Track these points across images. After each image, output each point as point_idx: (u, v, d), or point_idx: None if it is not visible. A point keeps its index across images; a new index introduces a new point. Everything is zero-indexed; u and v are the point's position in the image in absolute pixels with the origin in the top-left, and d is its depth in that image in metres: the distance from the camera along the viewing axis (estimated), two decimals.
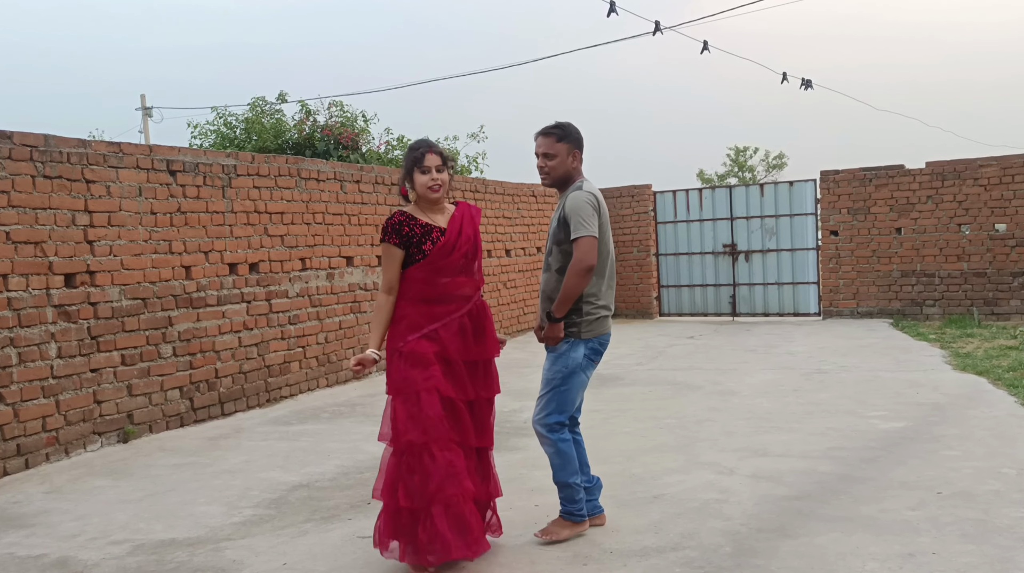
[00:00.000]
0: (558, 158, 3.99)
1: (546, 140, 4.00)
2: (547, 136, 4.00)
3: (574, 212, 3.87)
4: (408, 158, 3.85)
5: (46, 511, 4.81)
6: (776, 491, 4.61)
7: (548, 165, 4.00)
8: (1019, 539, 3.78)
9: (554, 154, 3.99)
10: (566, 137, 4.00)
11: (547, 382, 3.97)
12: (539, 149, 4.02)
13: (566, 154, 3.99)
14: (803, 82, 15.20)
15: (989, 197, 12.03)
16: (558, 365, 3.94)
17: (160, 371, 6.74)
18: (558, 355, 3.95)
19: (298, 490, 5.02)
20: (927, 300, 12.47)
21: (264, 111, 16.32)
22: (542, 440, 3.96)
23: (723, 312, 14.12)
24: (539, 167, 4.03)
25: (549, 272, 4.02)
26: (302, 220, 8.27)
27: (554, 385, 3.94)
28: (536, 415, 3.98)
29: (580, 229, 3.85)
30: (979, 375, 7.77)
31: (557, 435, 3.93)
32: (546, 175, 4.03)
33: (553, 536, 3.94)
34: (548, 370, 3.98)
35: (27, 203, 5.81)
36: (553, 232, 3.99)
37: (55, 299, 5.96)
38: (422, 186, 3.79)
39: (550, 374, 3.97)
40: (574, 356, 3.93)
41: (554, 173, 4.01)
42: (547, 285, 4.00)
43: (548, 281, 4.00)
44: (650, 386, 8.03)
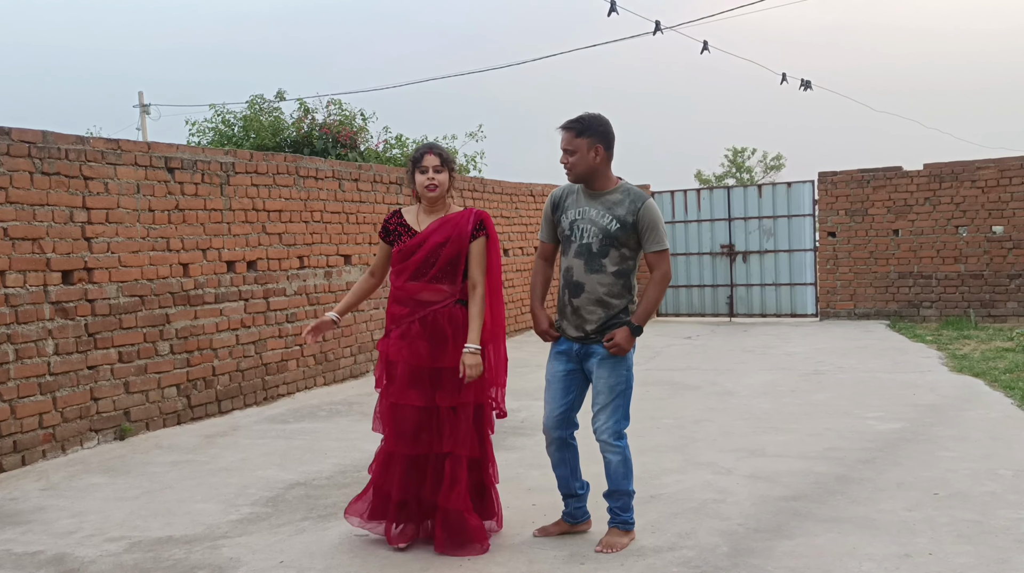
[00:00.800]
0: (578, 154, 3.78)
1: (566, 135, 3.80)
2: (567, 131, 3.81)
3: (655, 223, 3.77)
4: (410, 159, 3.98)
5: (42, 508, 4.80)
6: (773, 491, 4.61)
7: (569, 161, 3.80)
8: (1015, 540, 3.79)
9: (574, 150, 3.78)
10: (586, 131, 3.77)
11: (611, 389, 3.80)
12: (562, 144, 3.82)
13: (587, 149, 3.77)
14: (802, 83, 15.23)
15: (986, 199, 12.05)
16: (620, 370, 3.81)
17: (157, 369, 6.73)
18: (617, 360, 3.79)
19: (295, 488, 5.01)
20: (924, 302, 12.49)
21: (262, 109, 16.32)
22: (611, 449, 3.82)
23: (721, 313, 14.13)
24: (562, 162, 3.84)
25: (601, 273, 3.79)
26: (300, 218, 8.26)
27: (619, 391, 3.81)
28: (604, 424, 3.80)
29: (663, 242, 3.81)
30: (976, 377, 7.78)
31: (625, 442, 3.86)
32: (568, 171, 3.84)
33: (616, 547, 3.82)
34: (609, 377, 3.80)
35: (25, 199, 5.80)
36: (612, 234, 3.77)
37: (52, 296, 5.95)
38: (420, 186, 3.90)
39: (613, 380, 3.80)
40: (631, 357, 3.86)
41: (575, 170, 3.81)
42: (597, 287, 3.78)
43: (599, 282, 3.78)
44: (648, 386, 8.03)
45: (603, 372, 3.80)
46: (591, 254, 3.80)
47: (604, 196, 3.83)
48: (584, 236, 3.81)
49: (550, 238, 4.05)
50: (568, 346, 3.91)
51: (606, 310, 3.79)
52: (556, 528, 4.06)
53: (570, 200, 3.91)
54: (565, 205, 3.92)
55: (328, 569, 3.76)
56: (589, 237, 3.80)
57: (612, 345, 3.75)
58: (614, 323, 3.79)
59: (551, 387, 3.96)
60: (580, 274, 3.81)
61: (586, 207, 3.84)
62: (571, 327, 3.88)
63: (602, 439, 3.83)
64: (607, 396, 3.80)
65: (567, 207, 3.91)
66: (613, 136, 3.86)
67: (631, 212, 3.77)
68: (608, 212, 3.79)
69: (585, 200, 3.86)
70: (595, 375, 3.82)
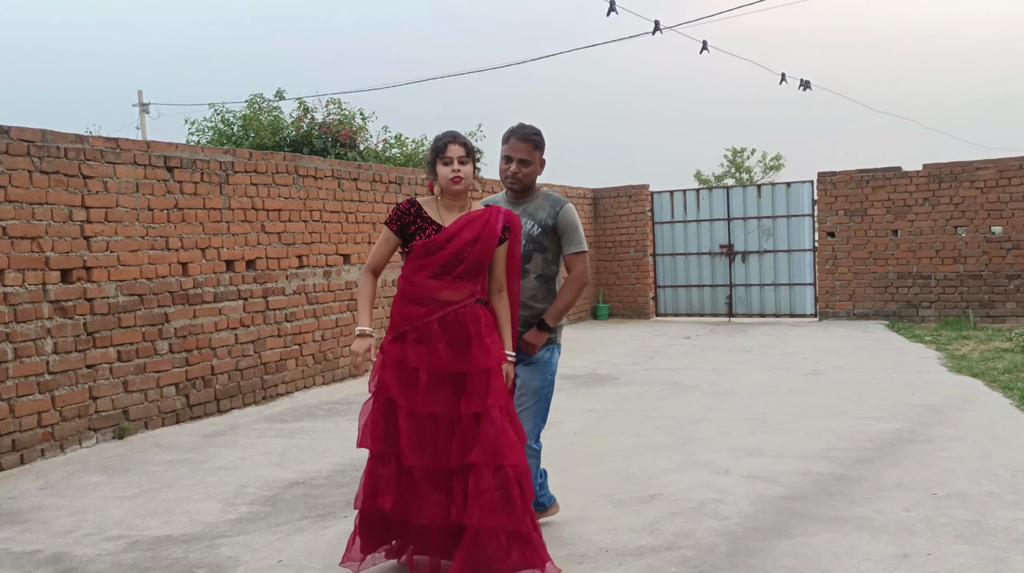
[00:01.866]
0: (533, 166, 3.86)
1: (525, 146, 3.82)
2: (527, 142, 3.82)
3: (573, 226, 3.87)
4: (432, 149, 3.61)
5: (41, 507, 4.80)
6: (771, 491, 4.62)
7: (523, 172, 3.83)
8: (1013, 540, 3.79)
9: (531, 161, 3.85)
10: (541, 144, 3.88)
11: (535, 392, 3.82)
12: (516, 154, 3.81)
13: (538, 162, 3.89)
14: (801, 83, 15.22)
15: (985, 200, 12.06)
16: (542, 372, 3.85)
17: (156, 368, 6.73)
18: (542, 363, 3.84)
19: (294, 487, 5.01)
20: (923, 302, 12.49)
21: (262, 108, 16.31)
22: (531, 453, 3.74)
23: (720, 312, 14.13)
24: (512, 173, 3.83)
25: (525, 278, 3.80)
26: (299, 218, 8.26)
27: (543, 394, 3.86)
28: (526, 425, 3.70)
29: (582, 244, 3.89)
30: (974, 377, 7.79)
31: (540, 446, 3.92)
32: (517, 182, 3.85)
33: None
34: (532, 380, 3.81)
35: (24, 198, 5.80)
36: (534, 238, 3.84)
37: (51, 295, 5.95)
38: (444, 178, 3.55)
39: (538, 384, 3.83)
40: (555, 361, 3.91)
41: (526, 180, 3.87)
42: (523, 291, 3.77)
43: (524, 288, 3.78)
44: (646, 386, 8.04)
45: (527, 375, 3.82)
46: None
47: (527, 203, 3.92)
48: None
49: None
50: None
51: (530, 313, 3.83)
52: None
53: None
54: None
55: (327, 568, 3.76)
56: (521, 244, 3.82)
57: (523, 344, 3.78)
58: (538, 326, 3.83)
59: None
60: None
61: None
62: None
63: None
64: (530, 399, 3.83)
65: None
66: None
67: (551, 216, 3.87)
68: (531, 218, 3.88)
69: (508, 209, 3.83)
70: (519, 378, 3.80)
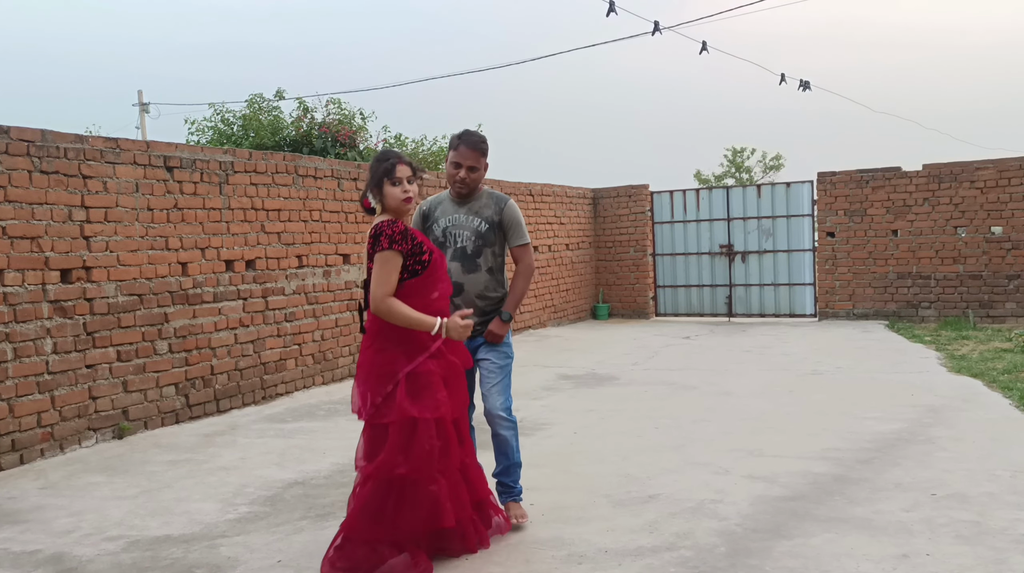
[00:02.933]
0: (479, 172, 4.19)
1: (474, 154, 4.15)
2: (475, 150, 4.15)
3: (517, 221, 4.24)
4: (377, 169, 3.59)
5: (40, 507, 4.80)
6: (771, 492, 4.62)
7: (471, 177, 4.17)
8: (1013, 541, 3.79)
9: (478, 167, 4.18)
10: (487, 151, 4.22)
11: (501, 369, 4.18)
12: (466, 161, 4.14)
13: (484, 168, 4.22)
14: (801, 83, 15.22)
15: (985, 200, 12.06)
16: (505, 350, 4.24)
17: (155, 367, 6.73)
18: (503, 343, 4.23)
19: (293, 488, 5.01)
20: (923, 302, 12.49)
21: (262, 108, 16.33)
22: (505, 424, 4.16)
23: (719, 312, 14.13)
24: (460, 179, 4.15)
25: (478, 272, 4.17)
26: (299, 217, 8.26)
27: (507, 370, 4.22)
28: (500, 403, 4.14)
29: (525, 236, 4.27)
30: (974, 377, 7.79)
31: (515, 417, 4.25)
32: (464, 186, 4.17)
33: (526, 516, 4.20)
34: (497, 358, 4.19)
35: (23, 198, 5.80)
36: (482, 234, 4.18)
37: (51, 295, 5.95)
38: (395, 198, 3.58)
39: (502, 361, 4.20)
40: (510, 341, 4.31)
41: (473, 185, 4.19)
42: (476, 285, 4.16)
43: (477, 281, 4.17)
44: (646, 386, 8.03)
45: (491, 354, 4.18)
46: (466, 255, 4.19)
47: (471, 202, 4.24)
48: (458, 240, 4.20)
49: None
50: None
51: (486, 303, 4.19)
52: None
53: (439, 210, 4.28)
54: (435, 215, 4.28)
55: None
56: (463, 241, 4.19)
57: (489, 334, 4.16)
58: (492, 312, 4.21)
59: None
60: (458, 275, 4.16)
61: (456, 214, 4.23)
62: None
63: (499, 415, 4.14)
64: (498, 375, 4.17)
65: (437, 217, 4.27)
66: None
67: (496, 212, 4.23)
68: (476, 216, 4.21)
69: (453, 208, 4.25)
70: (485, 360, 4.17)
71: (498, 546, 3.92)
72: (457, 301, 4.09)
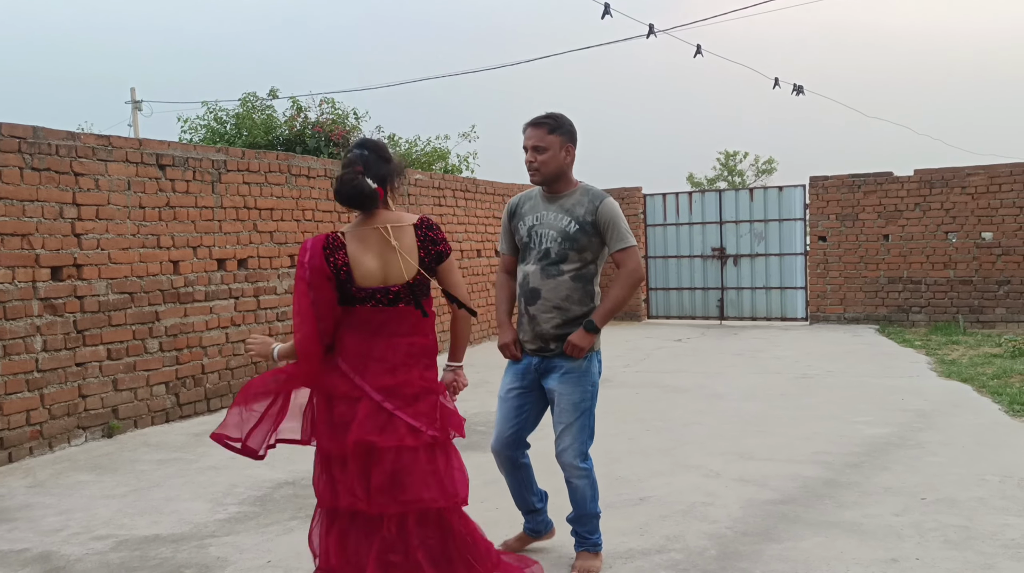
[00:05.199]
0: (550, 151, 3.56)
1: (537, 131, 3.58)
2: (538, 127, 3.58)
3: (614, 220, 3.57)
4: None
5: (29, 505, 4.77)
6: (761, 495, 4.62)
7: (539, 159, 3.57)
8: (1001, 546, 3.81)
9: (546, 147, 3.56)
10: (559, 128, 3.59)
11: (576, 406, 3.56)
12: (528, 141, 3.59)
13: (559, 147, 3.57)
14: (794, 88, 15.25)
15: (976, 205, 12.11)
16: (584, 384, 3.57)
17: (146, 366, 6.71)
18: (581, 374, 3.56)
19: (283, 487, 5.00)
20: (913, 307, 12.54)
21: (255, 107, 16.29)
22: (576, 472, 3.58)
23: (711, 316, 14.15)
24: (528, 162, 3.61)
25: (559, 278, 3.57)
26: (291, 217, 8.24)
27: (584, 408, 3.58)
28: (570, 446, 3.56)
29: (628, 238, 3.59)
30: (964, 382, 7.82)
31: (590, 462, 3.62)
32: (535, 171, 3.60)
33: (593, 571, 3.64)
34: (573, 393, 3.56)
35: (14, 195, 5.77)
36: (570, 236, 3.56)
37: (41, 292, 5.92)
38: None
39: (578, 397, 3.56)
40: (595, 370, 3.63)
41: (545, 168, 3.58)
42: (556, 292, 3.56)
43: (558, 287, 3.56)
44: (637, 388, 8.04)
45: (565, 388, 3.57)
46: (549, 259, 3.59)
47: (563, 199, 3.64)
48: (543, 241, 3.62)
49: (510, 249, 3.83)
50: (527, 361, 3.67)
51: (563, 316, 3.57)
52: (519, 542, 3.90)
53: (527, 206, 3.73)
54: (522, 212, 3.73)
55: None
56: (548, 242, 3.60)
57: (568, 345, 3.53)
58: (572, 328, 3.57)
59: (503, 405, 3.71)
60: (536, 280, 3.60)
61: (544, 211, 3.65)
62: (529, 338, 3.64)
63: (567, 462, 3.58)
64: (571, 414, 3.57)
65: (524, 214, 3.72)
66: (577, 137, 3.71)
67: (590, 211, 3.57)
68: (567, 214, 3.60)
69: (543, 205, 3.67)
70: (557, 392, 3.58)
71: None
72: (532, 310, 3.59)
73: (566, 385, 3.56)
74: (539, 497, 3.88)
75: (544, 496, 3.92)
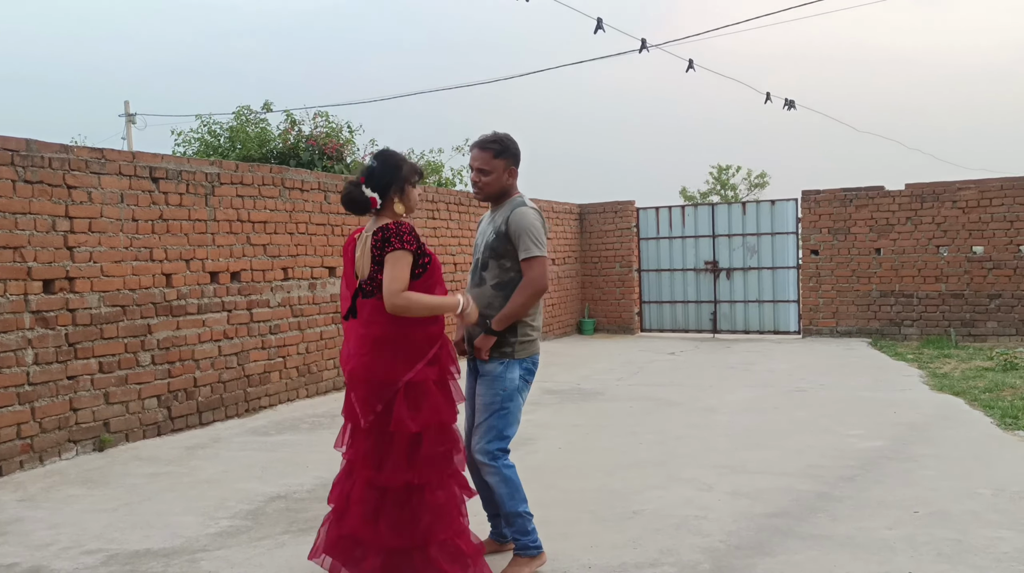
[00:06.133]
0: (494, 174, 3.79)
1: (483, 155, 3.78)
2: (484, 150, 3.78)
3: (525, 230, 3.70)
4: (410, 170, 3.55)
5: (19, 519, 4.74)
6: (754, 508, 4.62)
7: (483, 180, 3.80)
8: (994, 559, 3.81)
9: (490, 170, 3.78)
10: (504, 152, 3.79)
11: (486, 407, 3.72)
12: (475, 162, 3.80)
13: (502, 170, 3.80)
14: (786, 102, 15.33)
15: (967, 219, 12.18)
16: (495, 388, 3.72)
17: (138, 379, 6.68)
18: (494, 378, 3.73)
19: (276, 501, 4.98)
20: (905, 320, 12.58)
21: (249, 120, 16.31)
22: (486, 469, 3.70)
23: (704, 329, 14.18)
24: (473, 181, 3.84)
25: (482, 286, 3.79)
26: (285, 230, 8.24)
27: (494, 409, 3.71)
28: (477, 443, 3.71)
29: (534, 249, 3.70)
30: (956, 395, 7.84)
31: (501, 461, 3.71)
32: (479, 190, 3.84)
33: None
34: (485, 394, 3.74)
35: (7, 208, 5.76)
36: (490, 245, 3.78)
37: (33, 305, 5.90)
38: (415, 200, 3.60)
39: (488, 398, 3.73)
40: (510, 377, 3.73)
41: (487, 189, 3.82)
42: (480, 299, 3.75)
43: (481, 296, 3.76)
44: (630, 402, 8.04)
45: (481, 389, 3.77)
46: (476, 268, 3.86)
47: (497, 212, 3.87)
48: (476, 251, 3.91)
49: None
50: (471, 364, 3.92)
51: (485, 322, 3.73)
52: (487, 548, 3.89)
53: (483, 222, 4.00)
54: (481, 228, 4.00)
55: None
56: (478, 252, 3.88)
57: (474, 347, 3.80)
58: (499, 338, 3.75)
59: (467, 406, 3.92)
60: (469, 288, 3.87)
61: (485, 225, 3.93)
62: (467, 343, 3.88)
63: (476, 459, 3.71)
64: (482, 413, 3.74)
65: (481, 229, 3.99)
66: (520, 155, 3.91)
67: (504, 221, 3.75)
68: (491, 225, 3.84)
69: (487, 219, 3.93)
70: (477, 392, 3.81)
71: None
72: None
73: (481, 386, 3.79)
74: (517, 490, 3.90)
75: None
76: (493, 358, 3.75)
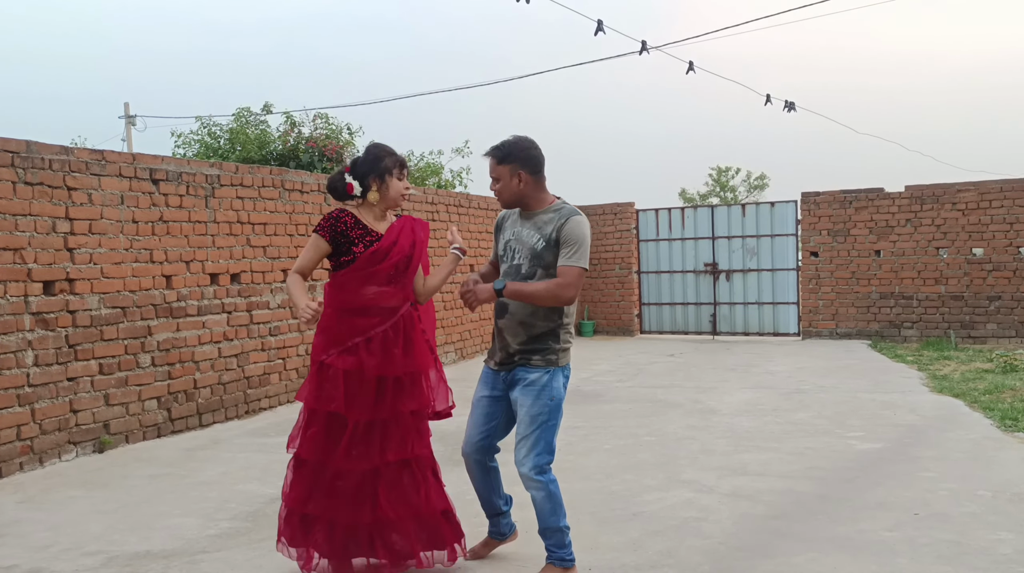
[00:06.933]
0: (502, 181, 3.69)
1: (490, 162, 3.73)
2: (489, 157, 3.74)
3: (578, 241, 3.60)
4: (388, 159, 3.73)
5: (18, 521, 4.74)
6: (755, 510, 4.62)
7: (495, 188, 3.73)
8: (994, 561, 3.81)
9: (497, 177, 3.71)
10: (507, 158, 3.67)
11: (533, 418, 3.59)
12: (489, 173, 3.76)
13: (509, 176, 3.67)
14: (786, 104, 15.33)
15: (967, 221, 12.19)
16: (543, 399, 3.60)
17: (138, 381, 6.68)
18: (540, 388, 3.60)
19: (275, 503, 4.96)
20: (905, 322, 12.58)
21: (249, 122, 16.28)
22: (532, 484, 3.60)
23: (704, 330, 14.18)
24: (491, 189, 3.79)
25: None
26: (285, 231, 8.24)
27: (542, 421, 3.59)
28: (524, 457, 3.58)
29: (580, 259, 3.59)
30: (956, 397, 7.84)
31: (548, 476, 3.61)
32: (498, 198, 3.77)
33: None
34: (532, 406, 3.59)
35: (7, 209, 5.76)
36: (538, 253, 3.64)
37: (33, 306, 5.90)
38: (396, 191, 3.76)
39: (536, 410, 3.59)
40: (556, 386, 3.64)
41: (501, 196, 3.73)
42: (523, 307, 3.63)
43: (524, 305, 3.63)
44: (630, 403, 8.04)
45: (526, 400, 3.62)
46: (518, 274, 3.69)
47: (537, 216, 3.71)
48: (515, 257, 3.73)
49: (495, 257, 3.99)
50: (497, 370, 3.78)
51: (528, 332, 3.64)
52: (485, 548, 3.99)
53: (509, 221, 3.84)
54: (504, 226, 3.85)
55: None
56: (519, 258, 3.71)
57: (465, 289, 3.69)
58: (539, 347, 3.64)
59: (475, 411, 3.82)
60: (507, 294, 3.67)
61: (519, 228, 3.75)
62: (498, 350, 3.75)
63: (522, 473, 3.61)
64: (528, 426, 3.60)
65: (505, 229, 3.84)
66: (538, 159, 3.74)
67: (556, 229, 3.63)
68: (537, 232, 3.68)
69: (520, 222, 3.77)
70: (518, 403, 3.65)
71: (480, 563, 3.90)
72: (501, 324, 3.70)
73: (526, 396, 3.63)
74: (505, 501, 3.99)
75: (509, 500, 4.02)
76: (537, 366, 3.63)
